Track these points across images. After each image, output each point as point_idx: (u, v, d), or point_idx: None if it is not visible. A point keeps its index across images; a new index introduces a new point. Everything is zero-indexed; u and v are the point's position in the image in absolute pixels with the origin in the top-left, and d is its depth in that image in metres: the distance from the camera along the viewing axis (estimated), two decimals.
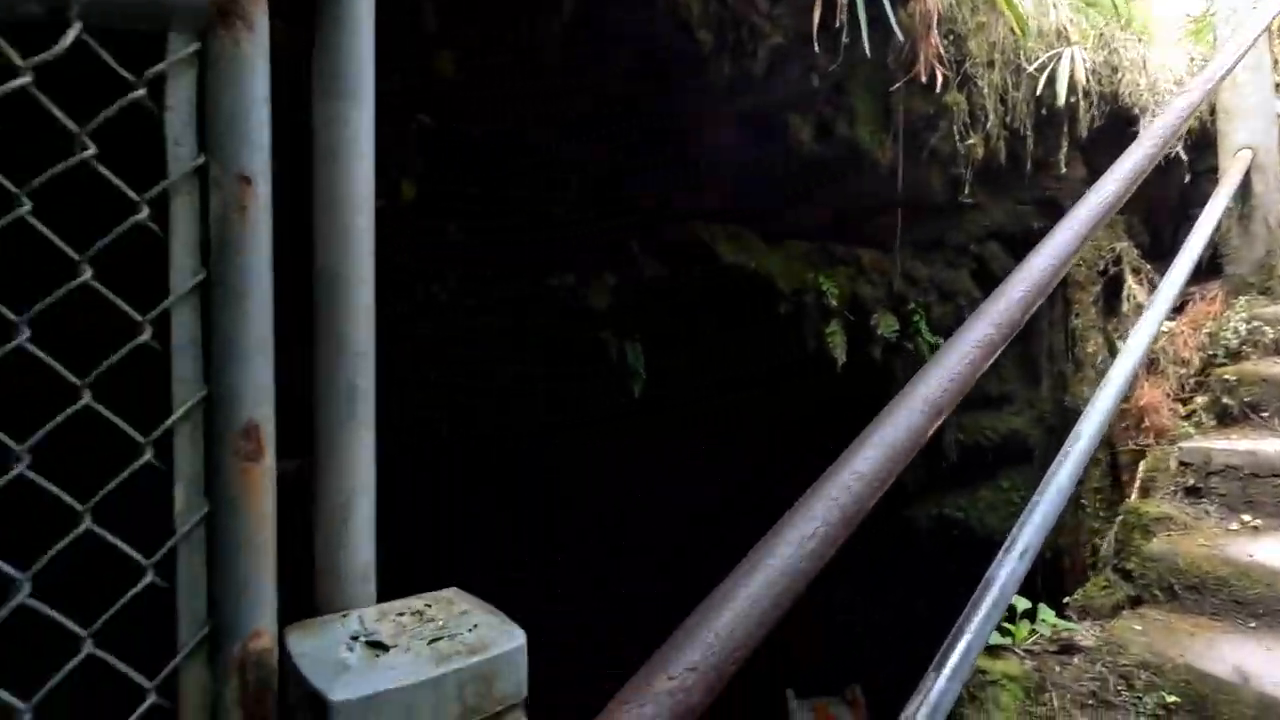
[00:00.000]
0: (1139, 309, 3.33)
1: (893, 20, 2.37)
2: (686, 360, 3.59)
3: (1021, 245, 3.73)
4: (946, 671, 1.31)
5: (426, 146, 2.23)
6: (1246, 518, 2.11)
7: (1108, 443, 3.37)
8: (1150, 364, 3.20)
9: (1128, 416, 3.27)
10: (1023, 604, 2.06)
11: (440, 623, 0.70)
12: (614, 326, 3.30)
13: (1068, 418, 3.95)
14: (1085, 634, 2.04)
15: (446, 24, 1.95)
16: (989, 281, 3.82)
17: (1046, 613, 2.12)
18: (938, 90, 2.82)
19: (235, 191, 0.72)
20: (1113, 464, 3.53)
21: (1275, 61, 3.27)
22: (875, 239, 3.61)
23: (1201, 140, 3.58)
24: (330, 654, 0.64)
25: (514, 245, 2.91)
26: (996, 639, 1.94)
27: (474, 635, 0.68)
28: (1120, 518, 2.42)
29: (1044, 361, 3.93)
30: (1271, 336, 2.71)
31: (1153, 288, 3.48)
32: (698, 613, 0.70)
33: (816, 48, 2.26)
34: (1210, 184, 3.23)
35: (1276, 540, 1.98)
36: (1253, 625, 1.80)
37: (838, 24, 2.30)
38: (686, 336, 3.59)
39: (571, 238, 3.00)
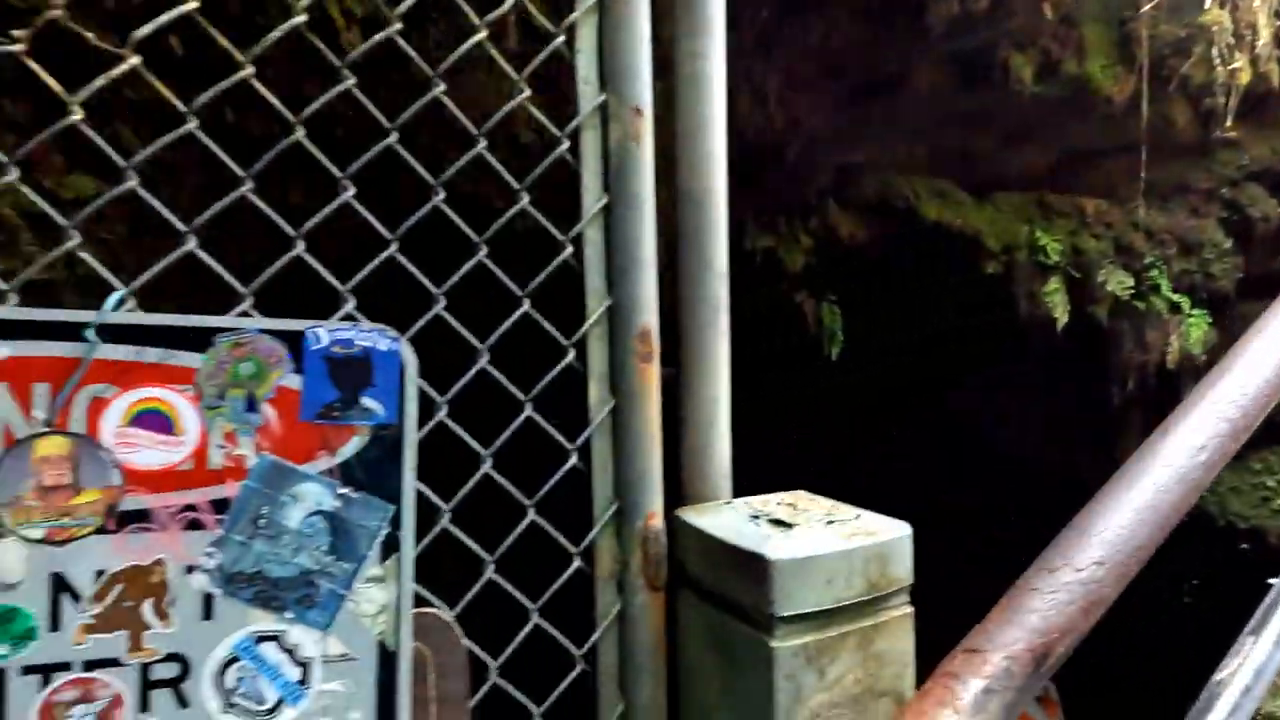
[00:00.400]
0: None
1: None
2: (865, 325, 3.45)
3: None
4: (1273, 635, 1.19)
5: None
6: None
7: None
8: None
9: None
10: None
11: (823, 511, 0.75)
12: (808, 288, 3.26)
13: None
14: None
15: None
16: (1246, 231, 3.31)
17: None
18: (1202, 7, 2.48)
19: (630, 122, 0.81)
20: None
21: None
22: (1100, 186, 3.26)
23: None
24: (743, 527, 0.72)
25: None
26: None
27: (861, 522, 0.73)
28: None
29: None
30: None
31: None
32: (1085, 516, 0.70)
33: None
34: None
35: None
36: None
37: None
38: (864, 299, 3.43)
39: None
